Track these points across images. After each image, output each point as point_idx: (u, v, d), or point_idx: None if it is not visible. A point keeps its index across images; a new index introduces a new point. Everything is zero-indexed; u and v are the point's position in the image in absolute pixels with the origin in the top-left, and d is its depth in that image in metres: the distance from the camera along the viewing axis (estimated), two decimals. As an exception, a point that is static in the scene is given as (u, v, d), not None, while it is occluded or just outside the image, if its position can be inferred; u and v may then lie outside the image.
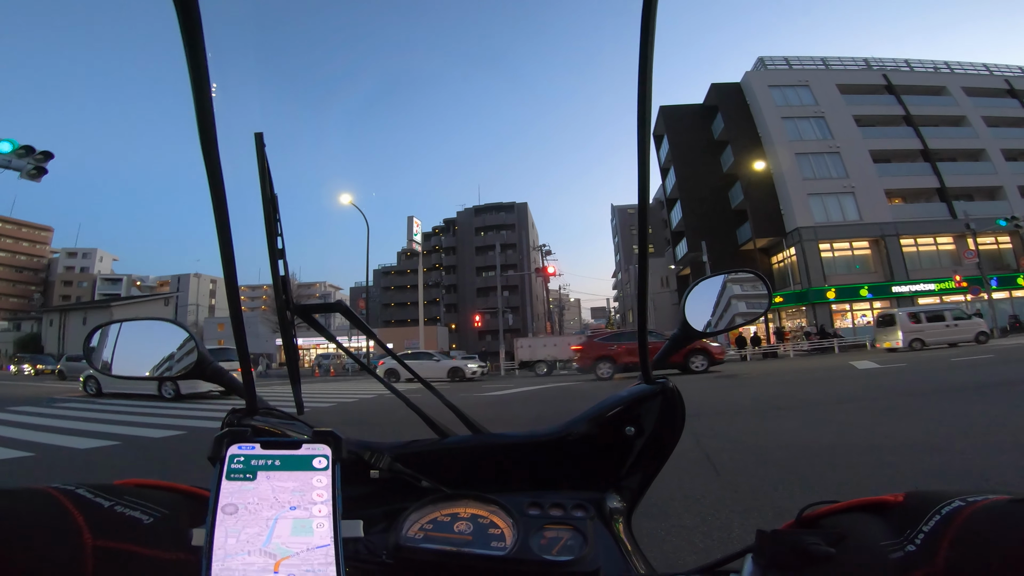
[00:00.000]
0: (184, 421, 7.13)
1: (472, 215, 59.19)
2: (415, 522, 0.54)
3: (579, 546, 0.50)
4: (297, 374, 0.81)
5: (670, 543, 2.18)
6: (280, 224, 0.67)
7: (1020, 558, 0.29)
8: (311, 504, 0.38)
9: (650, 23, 0.46)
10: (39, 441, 5.61)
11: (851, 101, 30.60)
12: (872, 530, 0.38)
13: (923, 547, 0.33)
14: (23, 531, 0.37)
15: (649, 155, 0.54)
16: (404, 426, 5.48)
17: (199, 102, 0.43)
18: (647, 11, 0.46)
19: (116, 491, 0.45)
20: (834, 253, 27.94)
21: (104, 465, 4.46)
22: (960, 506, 0.33)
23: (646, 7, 0.46)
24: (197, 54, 0.40)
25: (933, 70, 32.86)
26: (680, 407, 0.69)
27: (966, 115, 30.37)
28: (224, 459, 0.40)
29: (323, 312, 0.78)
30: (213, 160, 0.46)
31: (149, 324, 0.77)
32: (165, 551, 0.42)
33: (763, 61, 33.26)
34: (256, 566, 0.36)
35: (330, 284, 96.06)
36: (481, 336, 49.21)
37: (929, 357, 13.12)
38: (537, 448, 0.70)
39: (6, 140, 10.36)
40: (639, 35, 0.47)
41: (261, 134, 0.63)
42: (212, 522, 0.37)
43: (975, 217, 25.01)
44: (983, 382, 7.17)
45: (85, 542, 0.39)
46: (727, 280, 0.80)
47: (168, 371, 0.72)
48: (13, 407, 9.29)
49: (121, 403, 10.10)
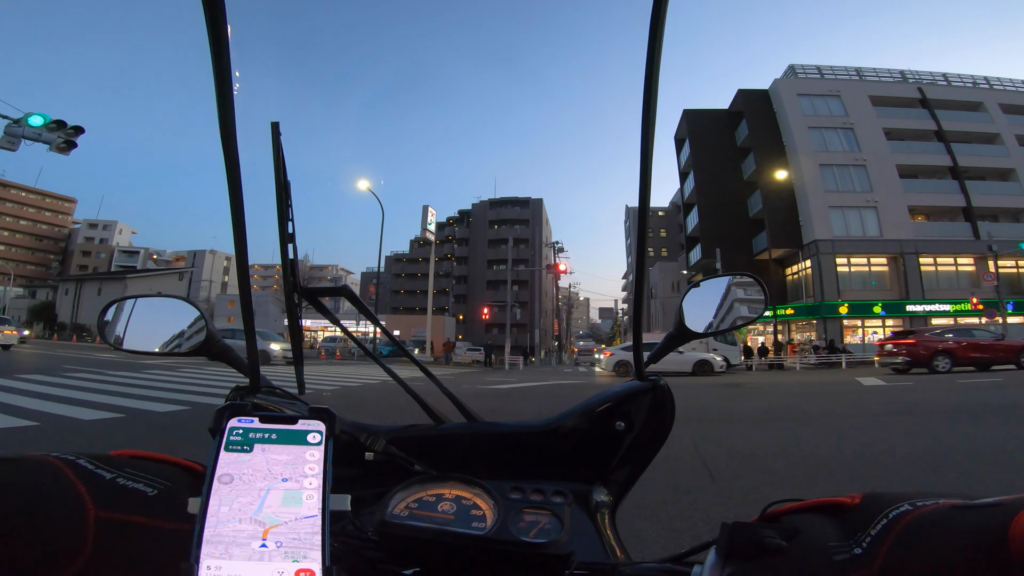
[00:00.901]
0: (189, 396, 7.22)
1: (487, 208, 59.17)
2: (401, 500, 0.56)
3: (555, 530, 0.51)
4: (301, 355, 0.84)
5: (659, 544, 2.21)
6: (291, 210, 0.70)
7: (950, 564, 0.29)
8: (303, 477, 0.40)
9: (658, 32, 0.47)
10: (44, 410, 5.58)
11: (882, 113, 29.92)
12: (826, 530, 0.39)
13: (867, 551, 0.34)
14: (27, 500, 0.37)
15: (651, 158, 0.55)
16: (403, 412, 5.56)
17: (220, 90, 0.44)
18: (655, 22, 0.47)
19: (115, 462, 0.45)
20: (851, 268, 27.47)
21: (108, 437, 4.49)
22: (907, 510, 0.34)
23: (654, 19, 0.47)
24: (220, 44, 0.42)
25: (971, 85, 31.91)
26: (670, 405, 0.71)
27: (1000, 133, 29.52)
28: (224, 431, 0.41)
29: (329, 295, 0.81)
30: (231, 146, 0.48)
31: (162, 301, 0.79)
32: (167, 522, 0.43)
33: (794, 69, 32.61)
34: (245, 533, 0.37)
35: (342, 268, 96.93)
36: (488, 329, 49.34)
37: (935, 378, 12.91)
38: (528, 438, 0.72)
39: (38, 114, 10.61)
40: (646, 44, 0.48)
41: (277, 123, 0.66)
42: (208, 490, 0.38)
43: (998, 239, 24.43)
44: (988, 404, 7.08)
45: (88, 512, 0.39)
46: (732, 283, 0.81)
47: (177, 348, 0.75)
48: (21, 374, 9.34)
49: (128, 375, 10.23)
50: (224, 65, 0.43)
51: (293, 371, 0.87)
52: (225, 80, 0.44)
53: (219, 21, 0.41)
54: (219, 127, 0.47)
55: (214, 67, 0.43)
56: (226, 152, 0.48)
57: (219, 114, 0.46)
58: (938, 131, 29.59)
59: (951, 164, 28.78)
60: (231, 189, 0.51)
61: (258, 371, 0.69)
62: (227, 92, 0.45)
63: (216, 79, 0.44)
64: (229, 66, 0.44)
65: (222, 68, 0.43)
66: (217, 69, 0.43)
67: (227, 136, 0.47)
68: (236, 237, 0.55)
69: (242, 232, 0.54)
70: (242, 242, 0.55)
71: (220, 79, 0.44)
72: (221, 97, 0.45)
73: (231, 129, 0.47)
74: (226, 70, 0.43)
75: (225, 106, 0.46)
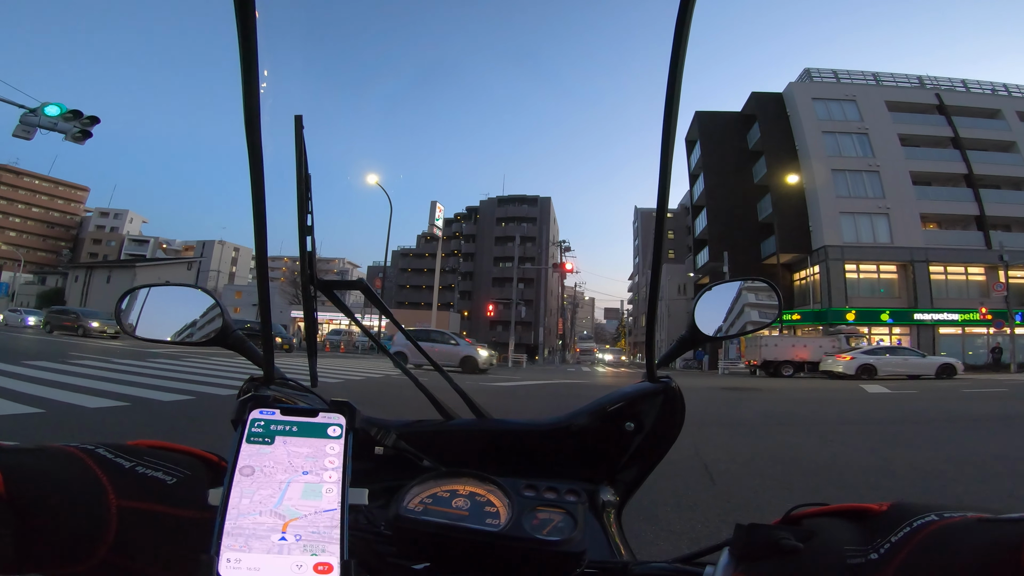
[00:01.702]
0: (194, 386, 7.22)
1: (495, 205, 59.11)
2: (416, 496, 0.57)
3: (569, 528, 0.52)
4: (315, 347, 0.85)
5: (658, 546, 2.22)
6: (311, 203, 0.71)
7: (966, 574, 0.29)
8: (323, 470, 0.40)
9: (684, 31, 0.46)
10: (49, 397, 5.55)
11: (898, 119, 29.56)
12: (844, 534, 0.39)
13: (883, 556, 0.34)
14: (51, 489, 0.38)
15: (671, 160, 0.55)
16: (407, 407, 5.59)
17: (247, 85, 0.44)
18: (682, 18, 0.46)
19: (134, 451, 0.46)
20: (859, 275, 27.22)
21: (113, 425, 4.52)
22: (932, 520, 0.34)
23: (681, 14, 0.46)
24: (249, 40, 0.42)
25: (991, 92, 31.44)
26: (681, 407, 0.71)
27: (1016, 141, 29.09)
28: (246, 422, 0.42)
29: (344, 289, 0.82)
30: (255, 140, 0.47)
31: (177, 290, 0.80)
32: (187, 510, 0.43)
33: (809, 73, 32.27)
34: (266, 526, 0.37)
35: (348, 261, 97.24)
36: (492, 326, 49.36)
37: (941, 386, 12.82)
38: (538, 436, 0.73)
39: (55, 104, 10.64)
40: (671, 40, 0.47)
41: (300, 117, 0.66)
42: (229, 482, 0.39)
43: (1010, 249, 24.10)
44: (992, 413, 7.06)
45: (110, 501, 0.40)
46: (743, 287, 0.81)
47: (189, 337, 0.76)
48: (28, 361, 9.33)
49: (134, 363, 10.20)
50: (252, 59, 0.43)
51: (296, 363, 0.88)
52: (252, 74, 0.44)
53: (249, 17, 0.41)
54: (244, 122, 0.46)
55: (242, 61, 0.43)
56: (250, 147, 0.48)
57: (244, 108, 0.45)
58: (954, 138, 29.20)
59: (966, 172, 28.42)
60: (253, 183, 0.50)
61: (272, 363, 0.69)
62: (254, 88, 0.44)
63: (243, 73, 0.44)
64: (256, 60, 0.43)
65: (249, 62, 0.43)
66: (245, 63, 0.43)
67: (252, 131, 0.47)
68: (256, 231, 0.55)
69: (263, 226, 0.54)
70: (262, 236, 0.55)
71: (247, 73, 0.44)
72: (248, 93, 0.44)
73: (256, 124, 0.46)
74: (253, 64, 0.43)
75: (251, 100, 0.45)
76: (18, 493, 0.36)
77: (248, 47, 0.42)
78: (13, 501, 0.35)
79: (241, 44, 0.42)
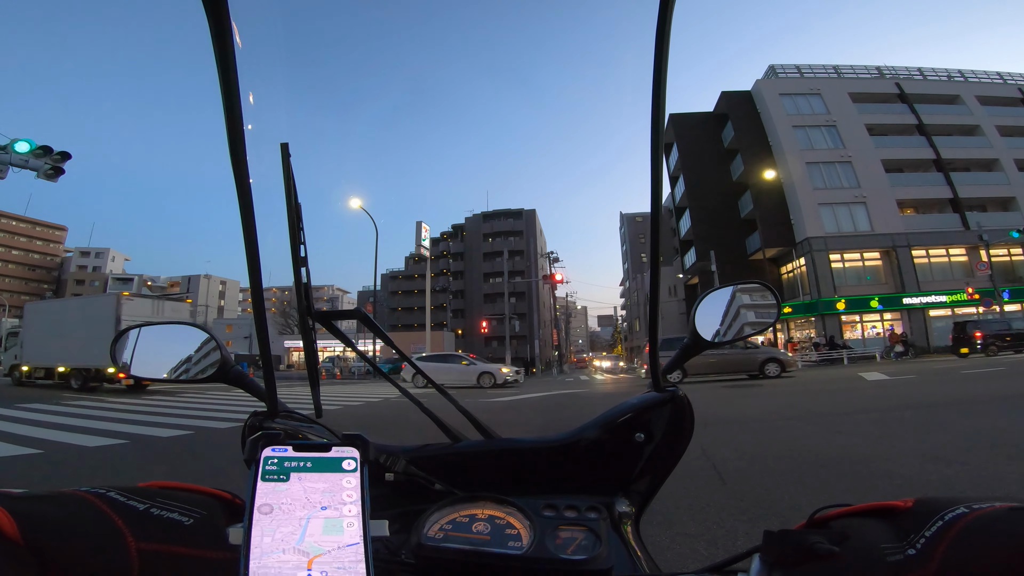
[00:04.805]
0: (191, 421, 7.18)
1: (480, 221, 59.36)
2: (435, 522, 0.56)
3: (593, 545, 0.51)
4: (317, 378, 0.83)
5: (674, 551, 2.18)
6: (303, 233, 0.70)
7: (1011, 565, 0.29)
8: (341, 504, 0.40)
9: (665, 31, 0.47)
10: (46, 438, 5.59)
11: (863, 110, 30.41)
12: (877, 533, 0.39)
13: (922, 551, 0.34)
14: (70, 535, 0.37)
15: (662, 162, 0.56)
16: (412, 430, 5.50)
17: (229, 111, 0.44)
18: (663, 19, 0.46)
19: (146, 493, 0.45)
20: (844, 264, 27.67)
21: (113, 463, 4.47)
22: (963, 513, 0.34)
23: (662, 15, 0.46)
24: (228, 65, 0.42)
25: (947, 78, 32.57)
26: (689, 415, 0.71)
27: (980, 124, 30.06)
28: (259, 461, 0.41)
29: (343, 319, 0.81)
30: (241, 168, 0.47)
31: (170, 328, 0.79)
32: (208, 551, 0.43)
33: (774, 69, 33.15)
34: (291, 563, 0.37)
35: (338, 287, 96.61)
36: (487, 342, 49.19)
37: (938, 369, 12.94)
38: (549, 453, 0.72)
39: (24, 140, 10.35)
40: (652, 43, 0.47)
41: (287, 144, 0.66)
42: (249, 521, 0.38)
43: (988, 228, 24.67)
44: (994, 394, 7.09)
45: (128, 545, 0.39)
46: (736, 291, 0.81)
47: (185, 373, 0.74)
48: (22, 404, 9.36)
49: (129, 401, 10.18)
50: (232, 88, 0.43)
51: (294, 393, 0.86)
52: (234, 102, 0.43)
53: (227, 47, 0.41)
54: (229, 151, 0.46)
55: (222, 89, 0.43)
56: (237, 177, 0.47)
57: (228, 138, 0.45)
58: (919, 125, 30.09)
59: (934, 157, 29.23)
60: (243, 213, 0.50)
61: (275, 396, 0.68)
62: (236, 117, 0.44)
63: (225, 101, 0.43)
64: (238, 90, 0.43)
65: (231, 90, 0.43)
66: (225, 92, 0.43)
67: (237, 160, 0.46)
68: (249, 260, 0.54)
69: (255, 257, 0.54)
70: (256, 267, 0.54)
71: (229, 101, 0.43)
72: (230, 122, 0.44)
73: (241, 153, 0.46)
74: (235, 93, 0.43)
75: (235, 129, 0.45)
76: (35, 540, 0.35)
77: (228, 76, 0.42)
78: (31, 548, 0.35)
79: (220, 72, 0.42)
